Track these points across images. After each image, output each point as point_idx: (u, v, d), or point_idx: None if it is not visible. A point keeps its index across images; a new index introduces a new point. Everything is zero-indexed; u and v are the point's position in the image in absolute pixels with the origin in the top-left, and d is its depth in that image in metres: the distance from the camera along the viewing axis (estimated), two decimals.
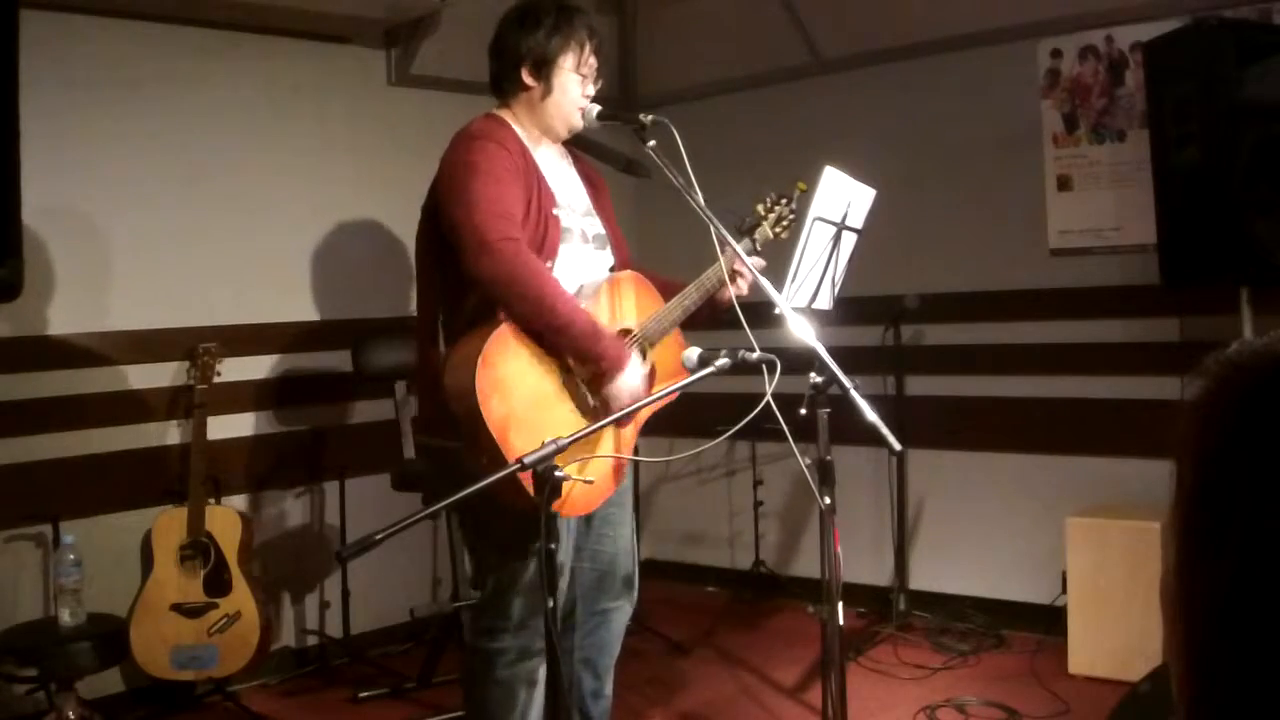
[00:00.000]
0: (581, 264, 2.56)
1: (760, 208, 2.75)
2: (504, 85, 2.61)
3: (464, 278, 2.38)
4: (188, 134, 3.83)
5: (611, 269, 2.67)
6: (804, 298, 2.88)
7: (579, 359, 2.42)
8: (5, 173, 2.60)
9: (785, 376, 2.14)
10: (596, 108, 2.59)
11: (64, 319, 3.57)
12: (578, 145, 2.79)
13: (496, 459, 2.25)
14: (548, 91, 2.55)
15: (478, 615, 2.59)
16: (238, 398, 3.93)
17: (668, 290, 2.68)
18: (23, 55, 2.60)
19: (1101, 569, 3.62)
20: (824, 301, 2.95)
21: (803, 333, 2.28)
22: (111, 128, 3.65)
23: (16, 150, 2.62)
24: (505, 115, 2.59)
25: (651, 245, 4.96)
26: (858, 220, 2.95)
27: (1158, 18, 3.73)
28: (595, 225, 2.66)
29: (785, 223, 2.77)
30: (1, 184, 2.59)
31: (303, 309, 4.16)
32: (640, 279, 2.66)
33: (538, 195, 2.48)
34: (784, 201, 2.78)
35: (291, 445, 4.11)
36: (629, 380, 2.44)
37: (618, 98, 5.02)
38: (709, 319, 2.68)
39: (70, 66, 3.54)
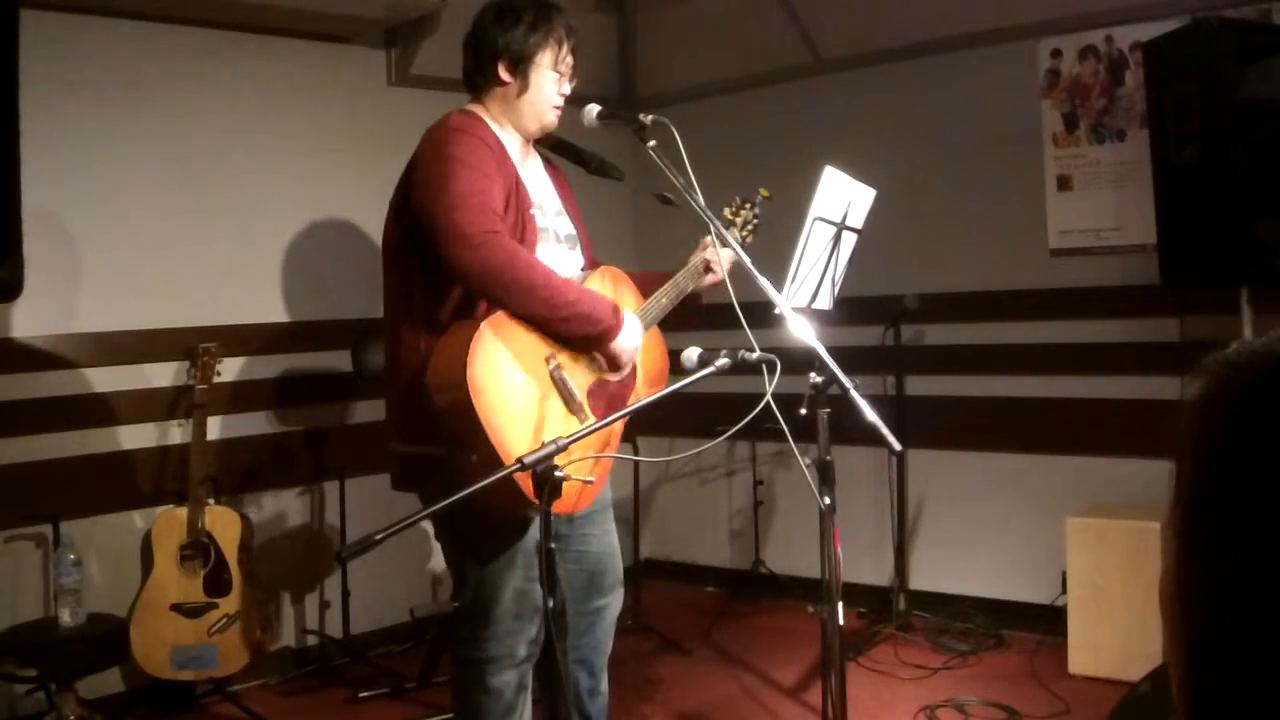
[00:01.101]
0: (556, 263, 2.53)
1: (727, 211, 2.76)
2: (479, 81, 2.58)
3: (446, 272, 2.34)
4: (187, 134, 3.83)
5: (581, 269, 2.66)
6: (804, 298, 2.88)
7: (578, 333, 2.39)
8: (5, 173, 2.60)
9: (785, 376, 2.14)
10: (596, 108, 2.57)
11: (64, 319, 3.57)
12: (551, 146, 2.77)
13: (488, 455, 2.22)
14: (524, 88, 2.53)
15: (461, 624, 2.55)
16: (238, 398, 3.93)
17: (642, 284, 2.69)
18: (23, 55, 2.60)
19: (1101, 569, 3.62)
20: (824, 301, 2.95)
21: (803, 333, 2.28)
22: (111, 128, 3.65)
23: (16, 150, 2.61)
24: (479, 111, 2.56)
25: (647, 248, 4.96)
26: (858, 220, 2.95)
27: (1158, 18, 3.73)
28: (566, 225, 2.65)
29: (750, 226, 2.79)
30: (1, 184, 2.59)
31: (302, 309, 4.16)
32: (618, 272, 2.66)
33: (516, 193, 2.46)
34: (749, 205, 2.79)
35: (291, 445, 4.11)
36: (628, 339, 2.45)
37: (618, 98, 5.02)
38: (679, 316, 2.69)
39: (70, 66, 3.54)
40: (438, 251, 2.31)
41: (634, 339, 2.47)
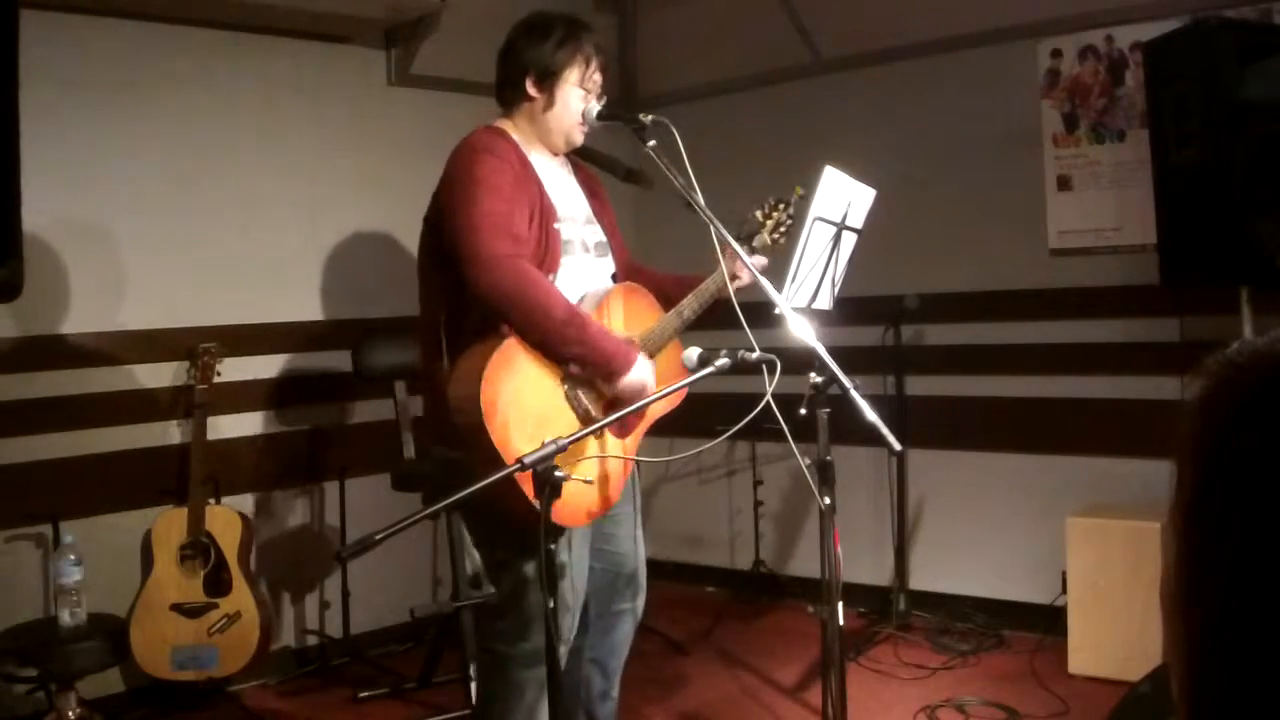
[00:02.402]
0: (583, 274, 2.56)
1: (759, 213, 2.76)
2: (508, 94, 2.62)
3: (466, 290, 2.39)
4: (188, 134, 3.83)
5: (613, 276, 2.67)
6: (804, 298, 2.88)
7: (586, 365, 2.41)
8: (5, 173, 2.60)
9: (785, 376, 2.14)
10: (596, 107, 2.59)
11: (64, 319, 3.57)
12: (579, 155, 2.79)
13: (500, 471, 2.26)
14: (550, 104, 2.56)
15: (493, 618, 2.58)
16: (238, 398, 3.93)
17: (665, 286, 2.69)
18: (23, 55, 2.60)
19: (1101, 569, 3.62)
20: (824, 301, 2.95)
21: (803, 333, 2.28)
22: (111, 128, 3.65)
23: (16, 150, 2.61)
24: (506, 126, 2.59)
25: (651, 249, 4.96)
26: (858, 220, 2.95)
27: (1158, 18, 3.73)
28: (596, 233, 2.67)
29: (783, 228, 2.78)
30: (2, 184, 2.59)
31: (303, 309, 4.16)
32: (635, 289, 2.66)
33: (539, 209, 2.48)
34: (782, 206, 2.78)
35: (291, 445, 4.11)
36: (638, 376, 2.45)
37: (618, 98, 5.02)
38: (705, 314, 2.69)
39: (70, 66, 3.54)
40: (459, 271, 2.36)
41: (641, 376, 2.46)
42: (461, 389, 2.33)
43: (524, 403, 2.33)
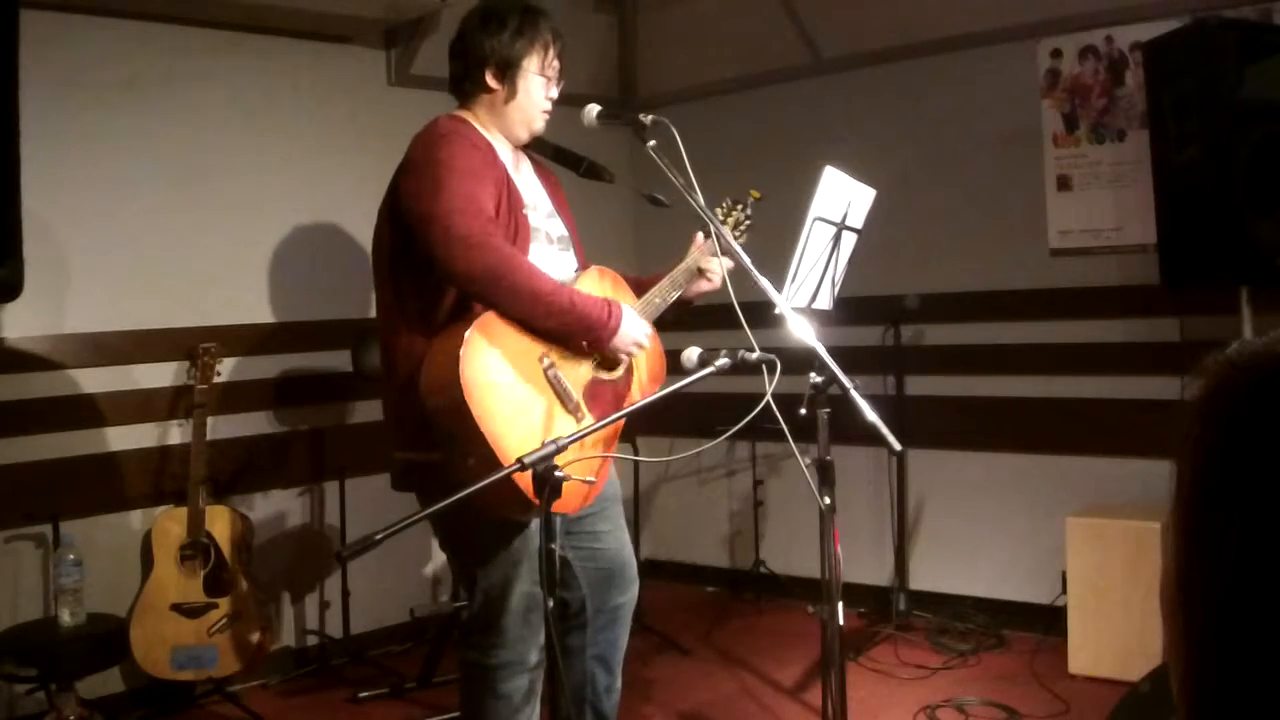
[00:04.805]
0: (548, 265, 2.52)
1: (718, 212, 2.76)
2: (466, 87, 2.57)
3: (439, 277, 2.34)
4: (187, 134, 3.83)
5: (575, 270, 2.66)
6: (804, 298, 2.88)
7: (573, 334, 2.38)
8: (5, 173, 2.60)
9: (785, 376, 2.14)
10: (596, 108, 2.56)
11: (64, 319, 3.57)
12: (540, 149, 2.77)
13: (485, 457, 2.21)
14: (512, 94, 2.53)
15: (469, 631, 2.54)
16: (238, 398, 3.93)
17: (638, 287, 2.69)
18: (23, 55, 2.60)
19: (1101, 569, 3.62)
20: (824, 301, 2.95)
21: (803, 333, 2.28)
22: (111, 128, 3.65)
23: (16, 150, 2.62)
24: (468, 116, 2.56)
25: (645, 250, 4.96)
26: (858, 220, 2.95)
27: (1158, 18, 3.73)
28: (558, 227, 2.64)
29: (742, 227, 2.79)
30: (1, 184, 2.59)
31: (303, 309, 4.15)
32: (608, 271, 2.66)
33: (507, 194, 2.46)
34: (740, 206, 2.79)
35: (291, 445, 4.11)
36: (628, 333, 2.43)
37: (618, 98, 5.02)
38: (677, 315, 2.70)
39: (70, 66, 3.54)
40: (432, 256, 2.30)
41: (632, 332, 2.45)
42: (440, 370, 2.27)
43: (505, 381, 2.29)
